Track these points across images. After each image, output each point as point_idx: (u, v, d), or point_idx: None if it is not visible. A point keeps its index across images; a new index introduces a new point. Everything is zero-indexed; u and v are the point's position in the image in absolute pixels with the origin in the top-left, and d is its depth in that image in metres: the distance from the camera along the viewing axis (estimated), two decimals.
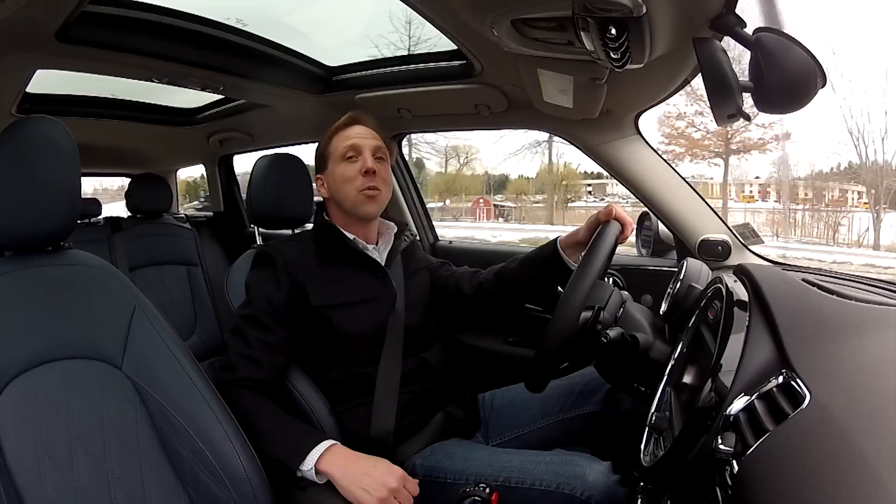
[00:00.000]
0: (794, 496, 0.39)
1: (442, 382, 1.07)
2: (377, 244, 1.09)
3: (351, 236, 1.04)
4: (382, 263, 1.07)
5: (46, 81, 1.35)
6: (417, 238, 1.48)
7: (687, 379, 0.72)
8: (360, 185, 1.01)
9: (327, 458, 0.80)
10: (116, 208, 2.69)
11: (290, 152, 1.29)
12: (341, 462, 0.80)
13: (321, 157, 1.08)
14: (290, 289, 0.97)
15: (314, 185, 1.11)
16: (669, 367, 0.80)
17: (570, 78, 0.96)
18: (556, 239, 1.09)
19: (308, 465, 0.79)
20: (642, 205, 1.29)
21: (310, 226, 1.17)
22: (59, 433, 0.68)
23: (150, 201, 2.13)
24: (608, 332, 0.80)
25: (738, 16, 0.65)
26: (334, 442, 0.83)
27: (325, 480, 0.80)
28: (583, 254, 0.95)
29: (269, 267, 0.99)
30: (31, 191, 0.72)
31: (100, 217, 2.20)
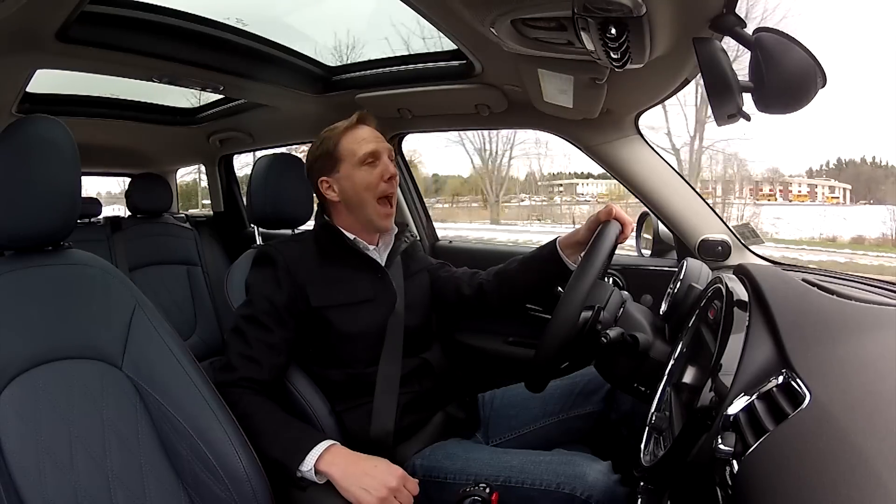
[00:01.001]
0: (794, 496, 0.39)
1: (442, 383, 1.07)
2: (378, 245, 1.09)
3: (352, 237, 1.04)
4: (383, 264, 1.07)
5: (46, 81, 1.35)
6: (418, 239, 1.48)
7: (687, 379, 0.72)
8: (381, 192, 1.01)
9: (327, 458, 0.80)
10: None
11: (290, 152, 1.29)
12: (341, 462, 0.80)
13: (328, 156, 1.03)
14: (291, 289, 0.96)
15: (319, 188, 1.05)
16: (669, 367, 0.80)
17: (570, 78, 0.96)
18: (555, 239, 1.09)
19: (308, 465, 0.79)
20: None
21: (309, 225, 1.16)
22: (59, 433, 0.68)
23: (150, 201, 2.13)
24: (608, 332, 0.80)
25: (738, 16, 0.65)
26: (334, 442, 0.83)
27: (324, 480, 0.80)
28: (582, 254, 0.95)
29: (270, 267, 0.98)
30: (31, 190, 0.72)
31: (100, 217, 2.20)
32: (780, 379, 0.52)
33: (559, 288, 1.18)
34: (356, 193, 1.02)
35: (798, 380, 0.50)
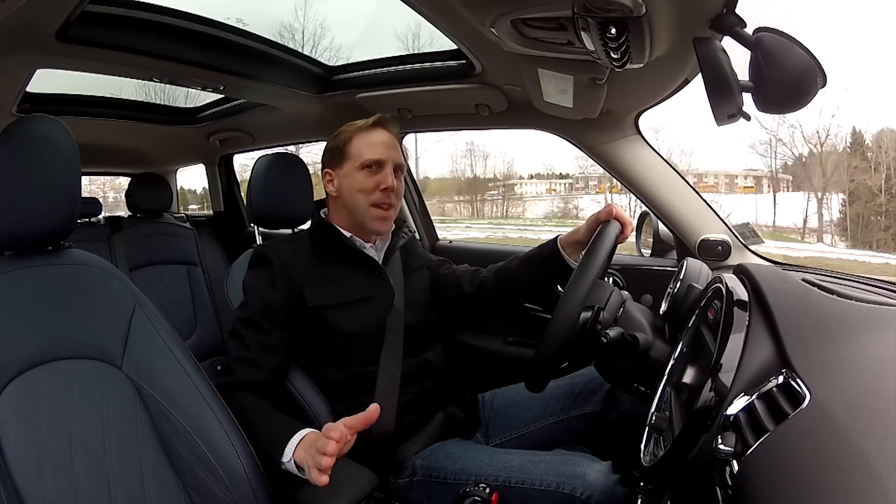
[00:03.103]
0: (794, 496, 0.39)
1: (442, 383, 1.07)
2: (375, 242, 1.09)
3: (348, 234, 1.04)
4: (380, 262, 1.07)
5: (46, 81, 1.35)
6: (416, 236, 1.48)
7: (687, 379, 0.72)
8: (375, 200, 1.01)
9: (300, 446, 0.76)
10: None
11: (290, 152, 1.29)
12: (304, 448, 0.76)
13: (337, 150, 1.04)
14: (287, 290, 0.96)
15: (322, 178, 1.07)
16: (669, 366, 0.80)
17: (570, 78, 0.96)
18: (556, 237, 1.09)
19: (287, 456, 0.76)
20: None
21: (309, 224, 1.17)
22: (59, 433, 0.68)
23: (150, 201, 2.13)
24: (608, 331, 0.80)
25: (738, 16, 0.65)
26: (311, 430, 0.79)
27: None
28: (583, 252, 0.95)
29: (266, 268, 0.98)
30: (31, 190, 0.72)
31: (100, 216, 2.20)
32: (780, 379, 0.52)
33: (559, 287, 1.18)
34: (350, 195, 1.02)
35: (798, 380, 0.50)
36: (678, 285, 0.92)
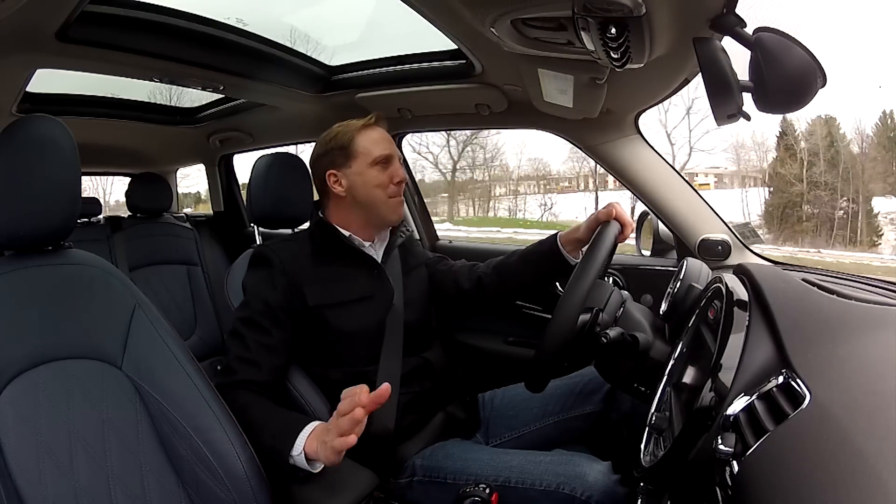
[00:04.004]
0: (794, 496, 0.39)
1: (442, 382, 1.07)
2: (374, 242, 1.09)
3: (347, 233, 1.04)
4: (379, 260, 1.07)
5: (46, 81, 1.35)
6: (415, 235, 1.48)
7: (687, 379, 0.72)
8: (391, 193, 1.03)
9: (310, 437, 0.77)
10: None
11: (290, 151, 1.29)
12: (318, 436, 0.77)
13: (341, 150, 1.03)
14: (287, 289, 0.96)
15: (325, 180, 1.05)
16: (669, 367, 0.80)
17: (570, 78, 0.96)
18: (555, 234, 1.09)
19: (297, 449, 0.77)
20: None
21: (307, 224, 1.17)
22: (59, 433, 0.68)
23: (150, 201, 2.13)
24: (608, 331, 0.80)
25: (738, 16, 0.65)
26: (320, 422, 0.80)
27: (318, 469, 0.77)
28: (583, 250, 0.95)
29: (266, 268, 0.98)
30: (31, 190, 0.72)
31: (100, 216, 2.20)
32: (780, 379, 0.52)
33: (559, 287, 1.18)
34: (367, 191, 1.02)
35: (798, 380, 0.50)
36: (678, 285, 0.92)
